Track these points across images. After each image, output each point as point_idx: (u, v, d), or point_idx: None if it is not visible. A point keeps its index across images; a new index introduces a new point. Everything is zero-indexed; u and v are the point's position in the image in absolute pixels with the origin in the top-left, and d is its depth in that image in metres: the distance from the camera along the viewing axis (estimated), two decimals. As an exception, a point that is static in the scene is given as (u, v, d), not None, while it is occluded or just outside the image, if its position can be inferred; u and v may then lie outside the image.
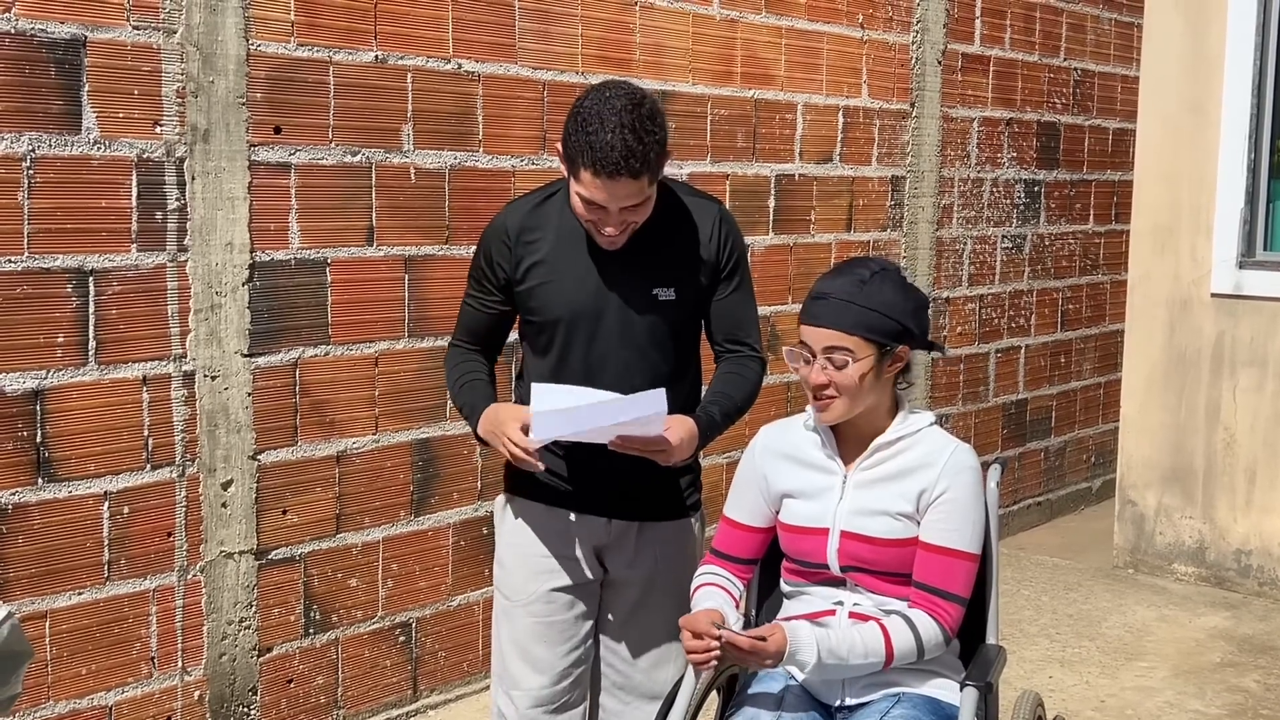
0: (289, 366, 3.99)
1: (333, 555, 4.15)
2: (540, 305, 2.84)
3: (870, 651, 2.55)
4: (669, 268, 2.84)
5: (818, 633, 2.51)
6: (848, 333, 2.59)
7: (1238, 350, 5.88)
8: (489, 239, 2.89)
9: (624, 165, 2.59)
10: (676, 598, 2.93)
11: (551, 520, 2.92)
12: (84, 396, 3.56)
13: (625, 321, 2.81)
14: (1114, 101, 7.29)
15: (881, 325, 2.60)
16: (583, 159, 2.62)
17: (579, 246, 2.82)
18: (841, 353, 2.59)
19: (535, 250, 2.83)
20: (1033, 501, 7.04)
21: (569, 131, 2.67)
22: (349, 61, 4.04)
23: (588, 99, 2.68)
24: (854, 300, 2.60)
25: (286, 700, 4.08)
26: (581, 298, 2.80)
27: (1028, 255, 6.84)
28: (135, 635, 3.72)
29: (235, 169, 3.80)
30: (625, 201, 2.66)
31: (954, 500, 2.63)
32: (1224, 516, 5.95)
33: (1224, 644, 5.22)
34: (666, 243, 2.83)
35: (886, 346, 2.62)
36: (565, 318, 2.81)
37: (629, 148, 2.59)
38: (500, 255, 2.85)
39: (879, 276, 2.64)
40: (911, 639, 2.57)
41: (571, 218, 2.81)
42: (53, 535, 3.54)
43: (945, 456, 2.66)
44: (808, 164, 5.56)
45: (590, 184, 2.64)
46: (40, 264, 3.46)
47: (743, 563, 2.79)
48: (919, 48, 6.01)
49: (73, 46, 3.47)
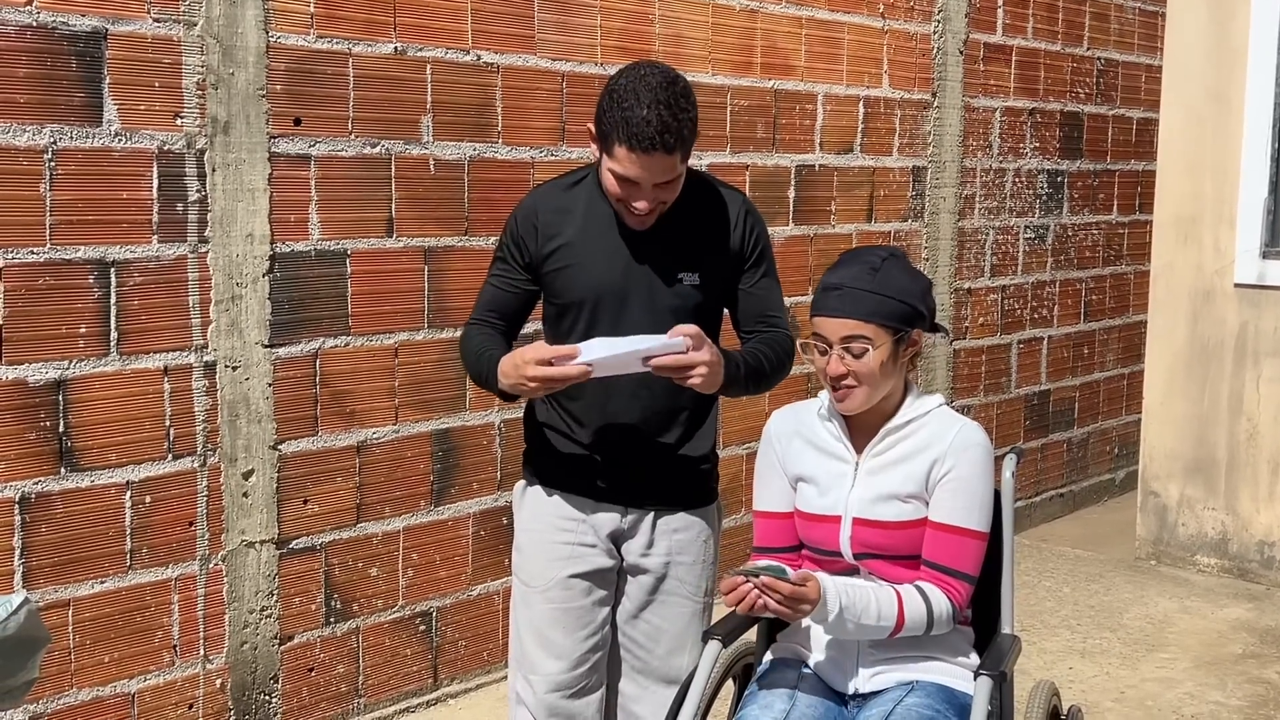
0: (309, 357, 4.01)
1: (353, 545, 4.17)
2: (565, 287, 2.86)
3: (883, 615, 2.57)
4: (694, 252, 2.86)
5: (839, 585, 2.53)
6: (865, 321, 2.60)
7: (1261, 341, 5.85)
8: (518, 219, 2.91)
9: (659, 140, 2.63)
10: (693, 586, 2.94)
11: (569, 508, 2.94)
12: (106, 387, 3.59)
13: (650, 305, 2.83)
14: (1138, 91, 7.25)
15: (897, 311, 2.62)
16: (618, 134, 2.65)
17: (606, 230, 2.84)
18: (860, 341, 2.60)
19: (563, 232, 2.85)
20: (1055, 493, 7.02)
21: (604, 109, 2.70)
22: (368, 53, 4.06)
23: (622, 77, 2.71)
24: (869, 289, 2.61)
25: (308, 688, 4.11)
26: (608, 280, 2.82)
27: (1050, 246, 6.81)
28: (157, 624, 3.75)
29: (255, 161, 3.82)
30: (659, 177, 2.69)
31: (961, 478, 2.64)
32: (1247, 508, 5.92)
33: (1246, 635, 5.20)
34: (692, 227, 2.86)
35: (902, 332, 2.63)
36: (590, 299, 2.83)
37: (664, 123, 2.63)
38: (528, 235, 2.87)
39: (889, 263, 2.66)
40: (923, 610, 2.59)
41: (599, 201, 2.84)
42: (75, 524, 3.57)
43: (952, 435, 2.67)
44: (828, 155, 5.56)
45: (625, 159, 2.66)
46: (62, 255, 3.49)
47: (787, 551, 2.77)
48: (940, 37, 5.99)
49: (94, 39, 3.50)
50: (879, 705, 2.60)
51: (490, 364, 2.82)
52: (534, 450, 3.02)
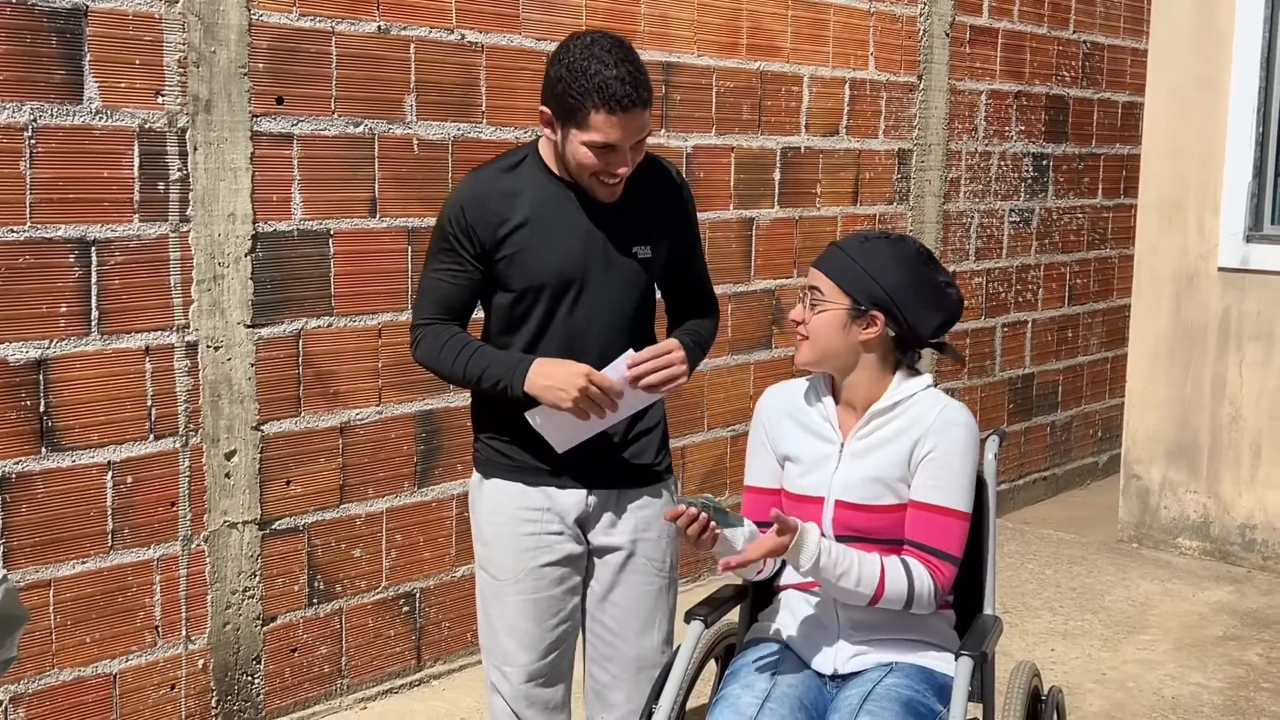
0: (292, 337, 4.00)
1: (336, 526, 4.17)
2: (522, 272, 2.79)
3: (864, 581, 2.58)
4: (645, 225, 2.86)
5: (823, 544, 2.55)
6: (827, 276, 2.68)
7: (1244, 324, 5.86)
8: (464, 208, 2.80)
9: (636, 95, 2.64)
10: (659, 561, 2.95)
11: (532, 496, 2.90)
12: (87, 366, 3.58)
13: (607, 283, 2.82)
14: (1124, 75, 7.25)
15: (857, 280, 2.65)
16: (591, 101, 2.63)
17: (560, 210, 2.80)
18: (815, 294, 2.68)
19: (512, 217, 2.79)
20: (1039, 476, 7.04)
21: (565, 83, 2.65)
22: (351, 32, 4.04)
23: (569, 51, 2.67)
24: (846, 251, 2.69)
25: (290, 669, 4.10)
26: (566, 261, 2.78)
27: (1035, 229, 6.81)
28: (139, 604, 3.74)
29: (237, 139, 3.80)
30: (638, 135, 2.69)
31: (942, 458, 2.64)
32: (1228, 491, 5.94)
33: (1227, 618, 5.22)
34: (640, 200, 2.84)
35: (860, 305, 2.63)
36: (550, 283, 2.79)
37: (635, 78, 2.65)
38: (478, 223, 2.78)
39: (887, 242, 2.70)
40: (904, 584, 2.59)
41: (547, 182, 2.80)
42: (56, 504, 3.56)
43: (934, 414, 2.67)
44: (814, 137, 5.55)
45: (604, 124, 2.64)
46: (43, 234, 3.47)
47: None
48: (926, 19, 5.98)
49: (74, 16, 3.47)
50: (858, 685, 2.61)
51: (495, 363, 2.78)
52: (487, 442, 2.96)
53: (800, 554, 2.53)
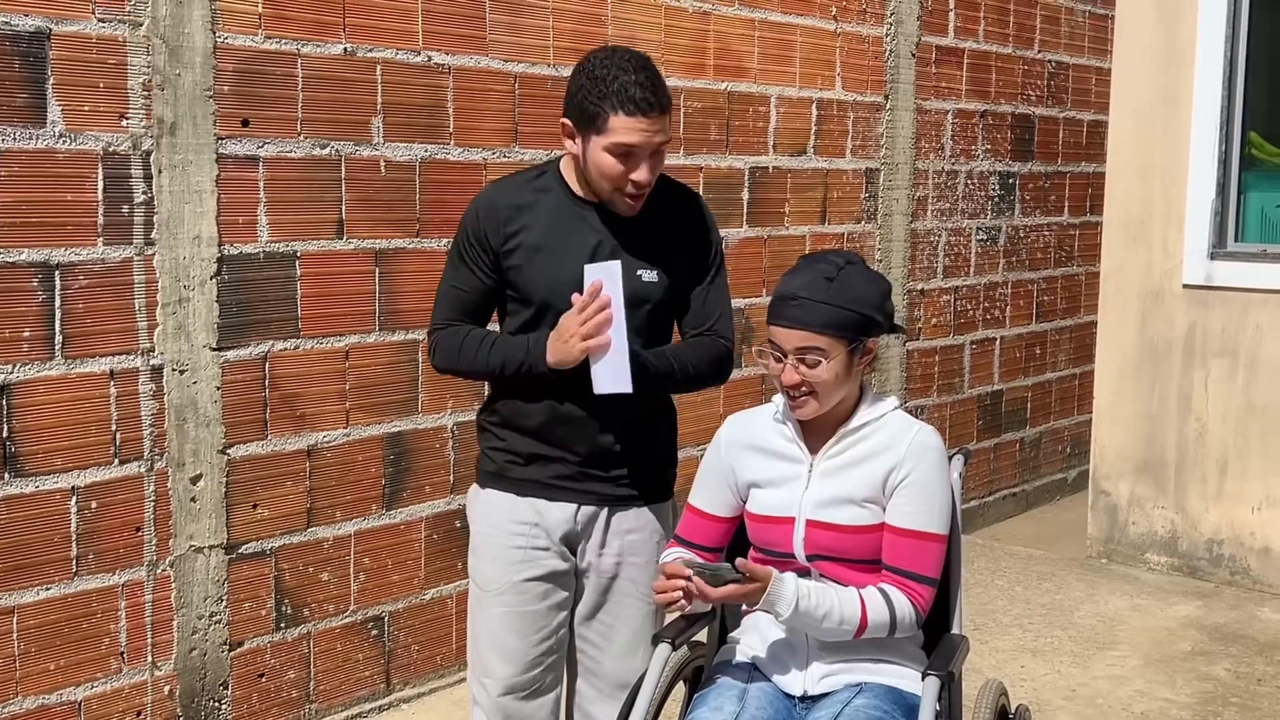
0: (258, 360, 3.98)
1: (304, 549, 4.14)
2: (528, 283, 2.84)
3: (846, 619, 2.58)
4: (656, 249, 2.87)
5: (800, 589, 2.54)
6: (818, 333, 2.60)
7: (1209, 341, 5.91)
8: (479, 215, 2.87)
9: (654, 100, 2.70)
10: (645, 587, 2.94)
11: (521, 510, 2.92)
12: (50, 391, 3.55)
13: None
14: (1089, 94, 7.31)
15: (852, 321, 2.61)
16: (611, 105, 2.68)
17: (569, 227, 2.84)
18: (814, 353, 2.60)
19: (524, 227, 2.84)
20: (1008, 492, 7.07)
21: (585, 90, 2.72)
22: (318, 54, 4.03)
23: (591, 61, 2.75)
24: (824, 299, 2.60)
25: (258, 694, 4.07)
26: (571, 279, 2.79)
27: (1002, 247, 6.85)
28: (104, 630, 3.71)
29: (203, 162, 3.78)
30: (658, 138, 2.73)
31: (919, 482, 2.65)
32: (1196, 506, 5.98)
33: (1195, 633, 5.25)
34: (656, 223, 2.87)
35: (857, 342, 2.63)
36: (554, 300, 2.81)
37: (654, 83, 2.72)
38: (491, 230, 2.85)
39: (846, 271, 2.65)
40: (886, 614, 2.60)
41: (565, 198, 2.84)
42: (19, 530, 3.52)
43: (909, 439, 2.67)
44: (781, 156, 5.57)
45: (624, 127, 2.69)
46: (5, 258, 3.45)
47: (706, 550, 2.80)
48: (893, 40, 6.01)
49: (37, 39, 3.45)
50: (828, 707, 2.60)
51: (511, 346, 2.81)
52: (486, 451, 3.00)
53: (778, 604, 2.53)
